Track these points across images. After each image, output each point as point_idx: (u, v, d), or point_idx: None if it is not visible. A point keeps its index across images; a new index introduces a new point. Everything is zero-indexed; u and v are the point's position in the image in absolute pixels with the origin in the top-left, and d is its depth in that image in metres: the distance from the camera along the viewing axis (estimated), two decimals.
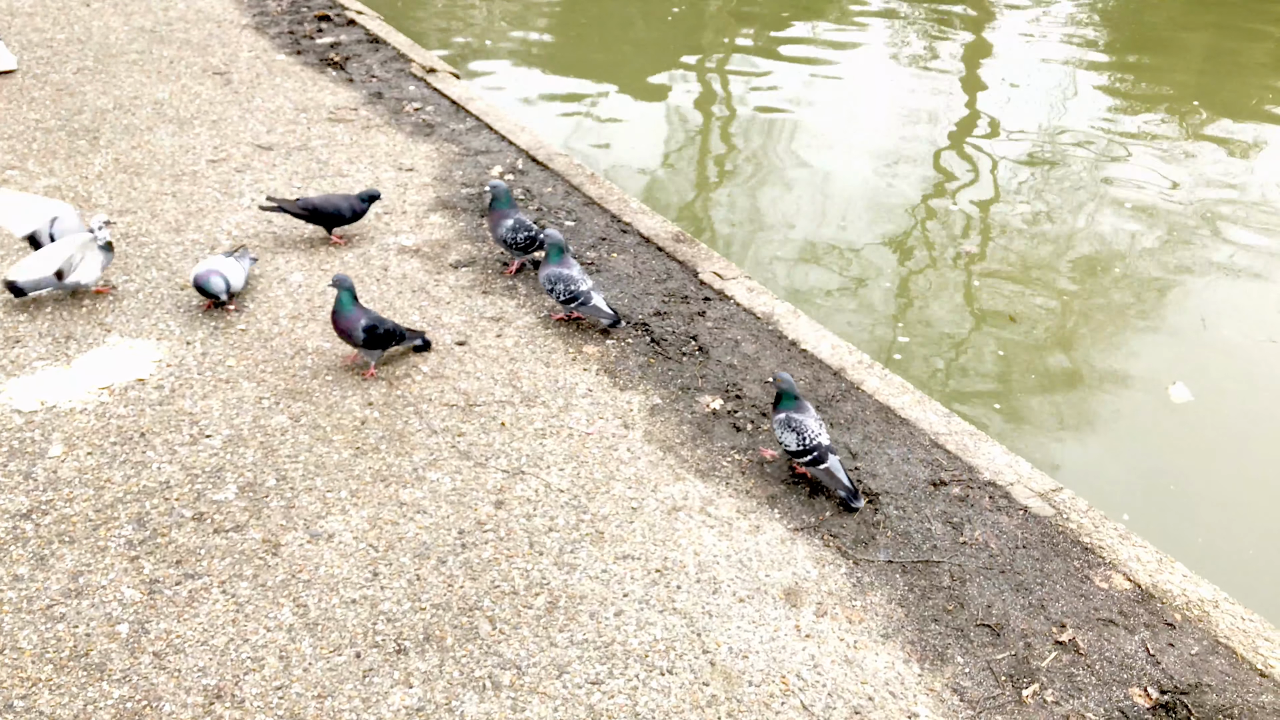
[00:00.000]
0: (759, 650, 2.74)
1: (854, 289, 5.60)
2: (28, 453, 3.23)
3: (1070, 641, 2.81)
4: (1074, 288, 5.64)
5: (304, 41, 7.46)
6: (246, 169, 5.34)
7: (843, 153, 7.39)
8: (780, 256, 5.93)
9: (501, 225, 4.36)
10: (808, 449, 3.23)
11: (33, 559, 2.84)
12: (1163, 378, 4.83)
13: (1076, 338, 5.19)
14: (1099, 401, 4.72)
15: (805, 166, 7.12)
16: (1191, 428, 4.53)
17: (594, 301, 4.01)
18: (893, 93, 8.61)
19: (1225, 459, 4.35)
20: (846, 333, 4.95)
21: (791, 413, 3.29)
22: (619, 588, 2.91)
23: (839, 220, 6.36)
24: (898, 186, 6.86)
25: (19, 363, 3.66)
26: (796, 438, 3.24)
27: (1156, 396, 4.73)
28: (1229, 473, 4.28)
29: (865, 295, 5.54)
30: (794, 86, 8.61)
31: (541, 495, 3.24)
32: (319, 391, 3.65)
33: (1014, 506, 3.32)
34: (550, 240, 4.02)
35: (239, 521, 3.03)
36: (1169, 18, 11.03)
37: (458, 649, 2.67)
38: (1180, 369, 4.90)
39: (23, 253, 4.33)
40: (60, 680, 2.50)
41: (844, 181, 6.92)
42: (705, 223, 6.42)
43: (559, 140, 7.12)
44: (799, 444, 3.24)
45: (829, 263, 5.87)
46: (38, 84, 6.23)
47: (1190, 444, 4.45)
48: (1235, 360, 5.07)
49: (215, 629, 2.67)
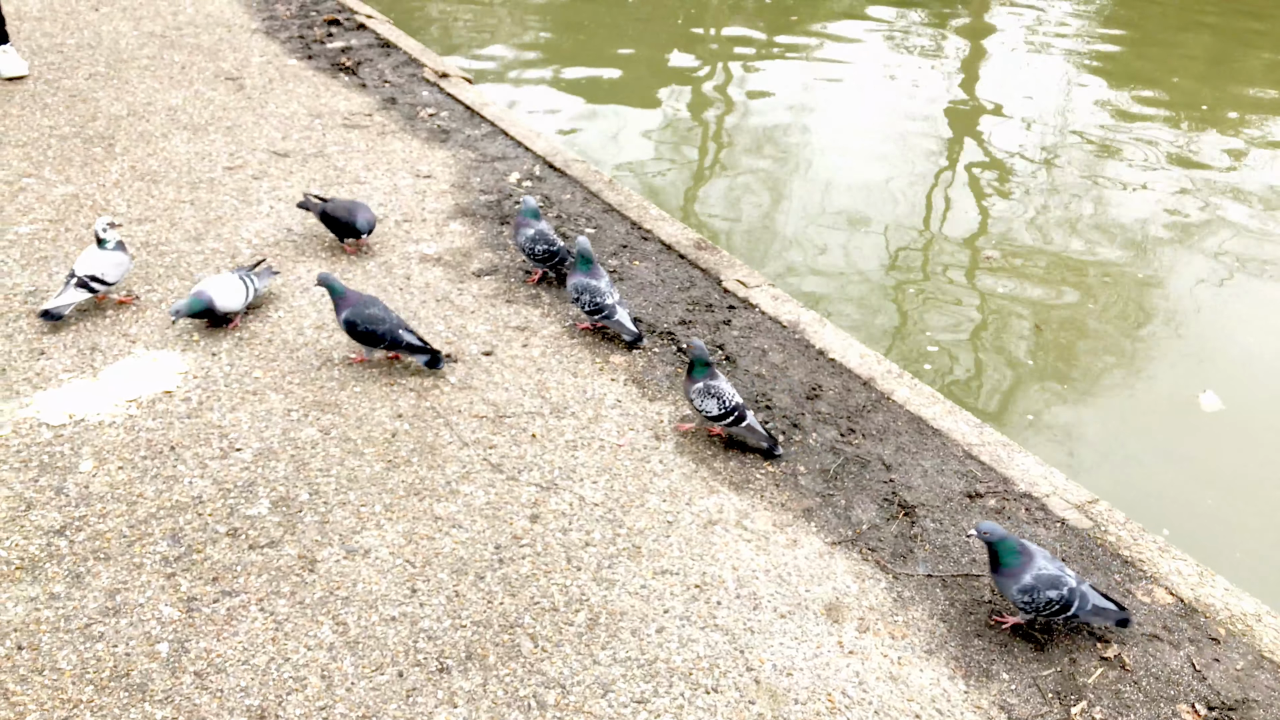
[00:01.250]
0: (803, 667, 2.72)
1: (874, 296, 5.58)
2: (58, 467, 3.20)
3: (1116, 657, 2.79)
4: (1096, 294, 5.63)
5: (314, 46, 7.42)
6: (263, 176, 5.31)
7: (853, 156, 7.37)
8: (798, 262, 5.91)
9: (522, 233, 4.33)
10: (729, 411, 3.39)
11: (69, 577, 2.81)
12: (1192, 386, 4.81)
13: (1102, 346, 5.18)
14: (1129, 411, 4.70)
15: (817, 171, 7.10)
16: (1224, 436, 4.51)
17: (618, 315, 3.99)
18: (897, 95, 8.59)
19: (1260, 468, 4.34)
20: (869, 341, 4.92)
21: (708, 380, 3.41)
22: (659, 604, 2.89)
23: (853, 226, 6.35)
24: (911, 192, 6.84)
25: (45, 375, 3.63)
26: (717, 403, 3.39)
27: (1187, 405, 4.71)
28: (1264, 482, 4.27)
29: (885, 302, 5.53)
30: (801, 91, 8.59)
31: (576, 509, 3.22)
32: (348, 403, 3.62)
33: (1051, 519, 3.30)
34: (580, 249, 3.99)
35: (273, 537, 3.01)
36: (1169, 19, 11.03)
37: (500, 667, 2.65)
38: (1209, 377, 4.88)
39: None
40: (102, 701, 2.47)
41: (857, 186, 6.90)
42: (721, 229, 6.40)
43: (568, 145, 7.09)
44: (720, 408, 3.39)
45: (846, 269, 5.85)
46: (50, 90, 6.19)
47: (1223, 453, 4.43)
48: (1264, 367, 5.05)
49: (255, 648, 2.65)
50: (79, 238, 4.54)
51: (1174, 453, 4.48)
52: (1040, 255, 6.03)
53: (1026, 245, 6.15)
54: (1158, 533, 3.28)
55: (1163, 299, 5.61)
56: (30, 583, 2.78)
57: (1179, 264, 6.01)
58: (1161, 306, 5.55)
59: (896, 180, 7.00)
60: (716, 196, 6.87)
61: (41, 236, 4.54)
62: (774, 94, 8.56)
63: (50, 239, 4.52)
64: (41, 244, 4.48)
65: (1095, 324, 5.34)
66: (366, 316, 3.69)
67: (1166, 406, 4.73)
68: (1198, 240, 6.28)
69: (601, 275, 4.00)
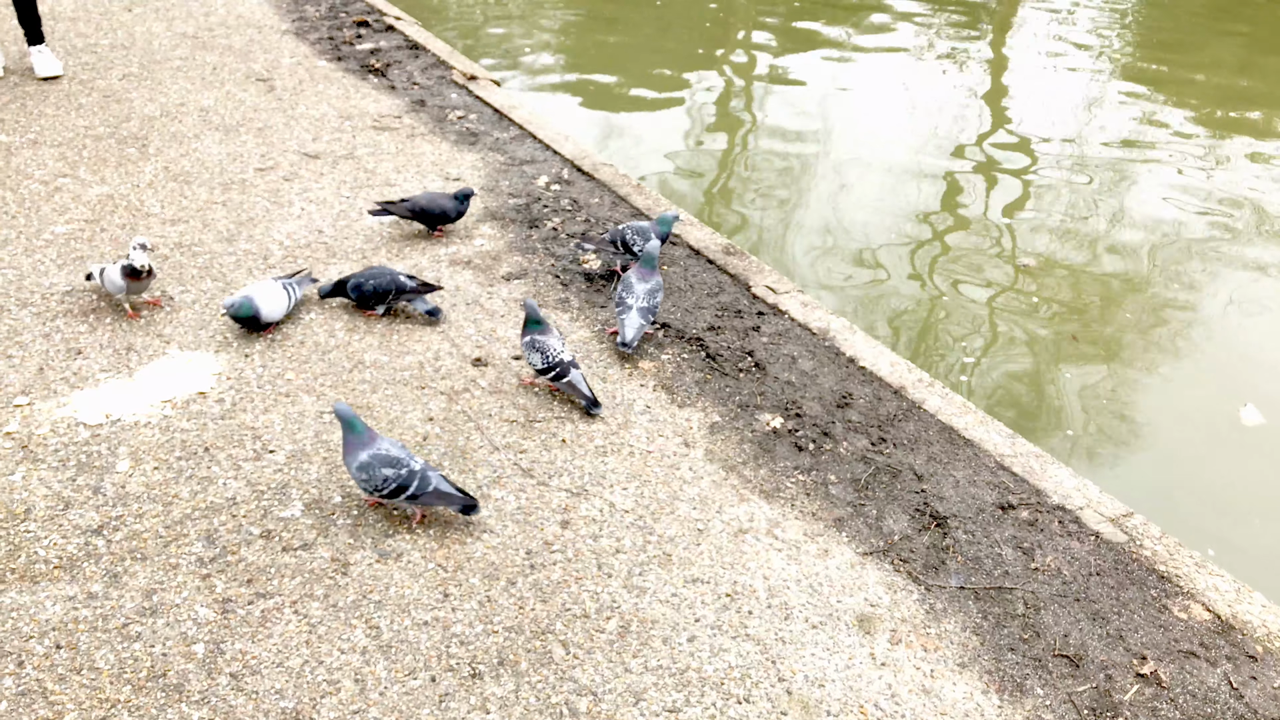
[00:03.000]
0: (835, 679, 2.71)
1: (905, 305, 5.55)
2: (96, 467, 3.23)
3: (1152, 674, 2.76)
4: (1132, 303, 5.57)
5: (344, 48, 7.47)
6: (294, 178, 5.35)
7: (881, 162, 7.34)
8: (826, 270, 5.88)
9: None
10: (551, 366, 3.61)
11: (106, 576, 2.83)
12: (1233, 399, 4.75)
13: (1140, 357, 5.12)
14: (1168, 423, 4.65)
15: (843, 177, 7.07)
16: (1266, 450, 4.45)
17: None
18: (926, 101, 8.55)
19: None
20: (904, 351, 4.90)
21: (536, 335, 3.64)
22: (690, 612, 2.88)
23: (882, 232, 6.32)
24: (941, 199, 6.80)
25: (82, 375, 3.67)
26: (541, 357, 3.62)
27: (1228, 418, 4.65)
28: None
29: (917, 312, 5.49)
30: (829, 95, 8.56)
31: (606, 515, 3.22)
32: (379, 406, 3.64)
33: (1085, 532, 3.27)
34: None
35: (307, 540, 3.03)
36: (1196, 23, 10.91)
37: (532, 674, 2.65)
38: (1251, 390, 4.81)
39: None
40: (139, 701, 2.49)
41: (884, 192, 6.87)
42: (748, 233, 6.39)
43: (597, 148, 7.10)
44: (544, 363, 3.61)
45: (876, 275, 5.82)
46: (84, 90, 6.26)
47: (1265, 467, 4.37)
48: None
49: (290, 650, 2.66)
50: (114, 238, 4.59)
51: (1215, 466, 4.42)
52: (1074, 263, 5.98)
53: (1059, 253, 6.10)
54: (1194, 548, 3.24)
55: (1202, 309, 5.54)
56: (69, 582, 2.81)
57: (1218, 273, 5.93)
58: (1201, 317, 5.48)
59: (926, 188, 6.96)
60: (743, 201, 6.85)
61: (77, 236, 4.59)
62: (802, 99, 8.53)
63: (86, 239, 4.57)
64: (77, 244, 4.53)
65: (1132, 335, 5.29)
66: (359, 275, 4.01)
67: (1207, 419, 4.67)
68: (1238, 249, 6.20)
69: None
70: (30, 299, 4.11)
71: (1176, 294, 5.70)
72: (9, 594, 2.76)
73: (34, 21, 6.27)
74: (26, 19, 6.23)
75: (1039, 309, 5.48)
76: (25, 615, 2.70)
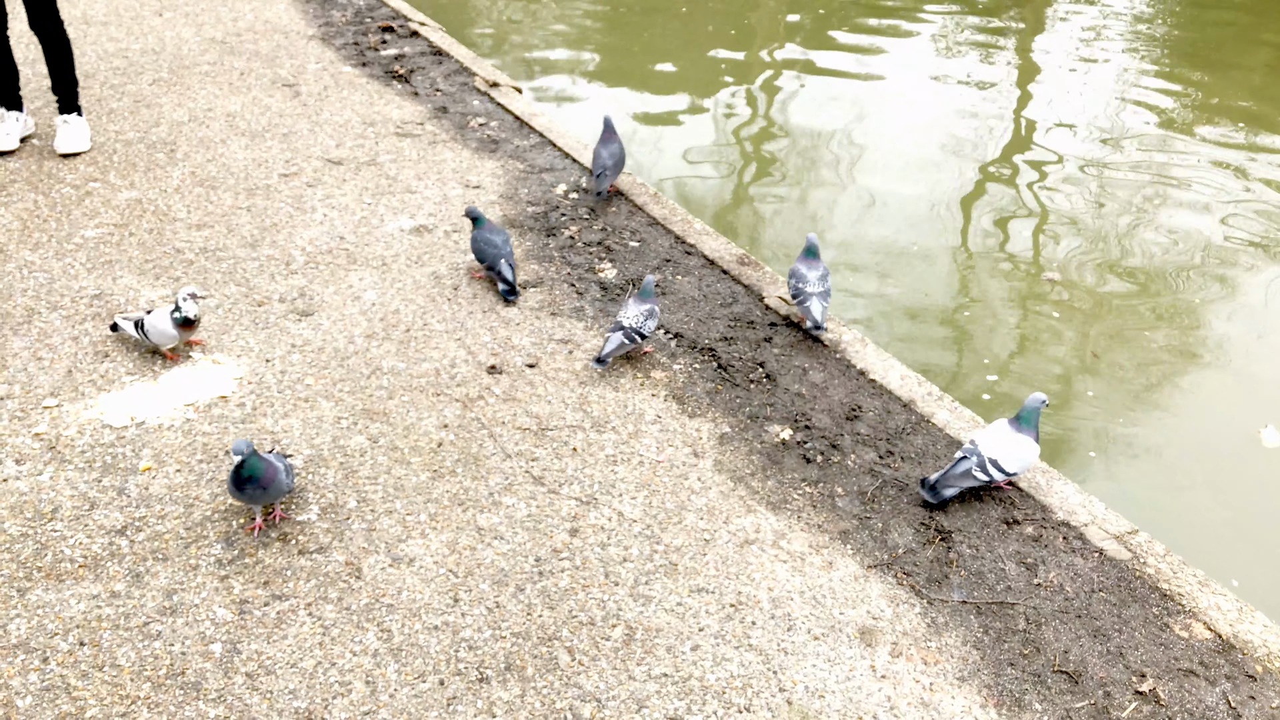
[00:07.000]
0: (835, 690, 2.76)
1: (924, 319, 5.58)
2: (120, 468, 3.33)
3: (1151, 692, 2.79)
4: (1153, 319, 5.56)
5: (369, 54, 7.58)
6: (318, 184, 5.45)
7: (901, 172, 7.35)
8: (841, 281, 5.92)
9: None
10: (482, 258, 4.46)
11: (129, 575, 2.93)
12: (1253, 420, 4.74)
13: (1159, 374, 5.10)
14: (1187, 443, 4.63)
15: (860, 185, 7.10)
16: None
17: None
18: (947, 110, 8.55)
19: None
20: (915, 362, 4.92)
21: (481, 231, 4.46)
22: (694, 621, 2.94)
23: (899, 242, 6.34)
24: (961, 210, 6.81)
25: (109, 378, 3.77)
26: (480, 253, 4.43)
27: (1248, 440, 4.63)
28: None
29: (937, 326, 5.51)
30: (850, 104, 8.58)
31: (615, 524, 3.28)
32: (395, 412, 3.72)
33: (1089, 548, 3.30)
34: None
35: (322, 544, 3.11)
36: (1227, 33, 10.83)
37: (538, 679, 2.72)
38: (1272, 411, 4.79)
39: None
40: (158, 699, 2.58)
41: (901, 201, 6.89)
42: (760, 243, 6.43)
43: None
44: (479, 257, 4.44)
45: (891, 286, 5.85)
46: (115, 95, 6.40)
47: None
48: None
49: (303, 651, 2.74)
50: (142, 243, 4.70)
51: (1232, 488, 4.40)
52: (1095, 278, 5.98)
53: (1081, 268, 6.10)
54: (1217, 577, 3.25)
55: (1222, 327, 5.51)
56: (93, 580, 2.91)
57: (1240, 289, 5.90)
58: (1221, 334, 5.45)
59: (947, 198, 6.98)
60: (758, 211, 6.90)
61: (107, 241, 4.71)
62: (822, 107, 8.56)
63: (115, 243, 4.69)
64: (107, 248, 4.64)
65: (1152, 351, 5.27)
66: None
67: (1226, 440, 4.66)
68: (1260, 264, 6.17)
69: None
70: (60, 302, 4.22)
71: (1198, 311, 5.68)
72: (35, 591, 2.86)
73: (69, 84, 5.37)
74: (61, 83, 5.32)
75: (1061, 324, 5.48)
76: (51, 613, 2.80)
